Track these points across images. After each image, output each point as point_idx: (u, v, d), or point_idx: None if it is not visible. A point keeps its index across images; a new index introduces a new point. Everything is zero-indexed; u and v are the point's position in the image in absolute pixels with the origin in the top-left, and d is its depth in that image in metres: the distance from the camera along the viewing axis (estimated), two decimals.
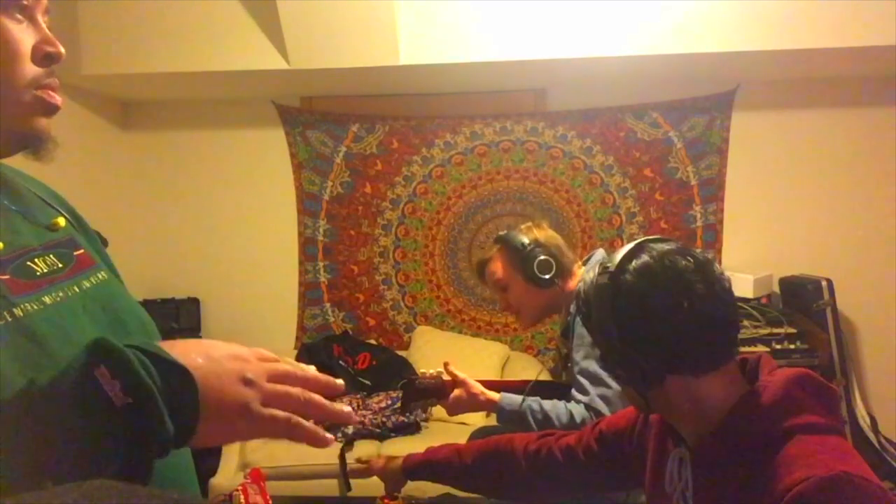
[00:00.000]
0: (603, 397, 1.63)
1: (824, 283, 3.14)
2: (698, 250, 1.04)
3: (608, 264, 1.03)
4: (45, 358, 0.63)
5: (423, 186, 3.70)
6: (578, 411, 1.64)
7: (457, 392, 1.76)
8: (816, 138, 3.54)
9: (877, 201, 3.50)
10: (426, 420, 3.17)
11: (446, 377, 1.79)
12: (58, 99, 0.73)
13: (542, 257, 1.82)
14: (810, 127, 3.54)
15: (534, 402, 1.69)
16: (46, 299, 0.67)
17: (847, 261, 3.45)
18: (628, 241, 1.08)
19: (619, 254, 1.04)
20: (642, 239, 1.05)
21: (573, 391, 1.70)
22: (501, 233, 1.95)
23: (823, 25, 2.85)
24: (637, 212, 3.61)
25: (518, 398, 1.72)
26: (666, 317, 0.97)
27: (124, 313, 0.77)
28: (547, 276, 1.81)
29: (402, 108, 3.67)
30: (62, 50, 0.72)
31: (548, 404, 1.68)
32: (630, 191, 3.62)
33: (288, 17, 2.86)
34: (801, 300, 3.23)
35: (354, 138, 3.70)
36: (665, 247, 1.02)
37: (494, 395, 1.74)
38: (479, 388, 1.75)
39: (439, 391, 1.79)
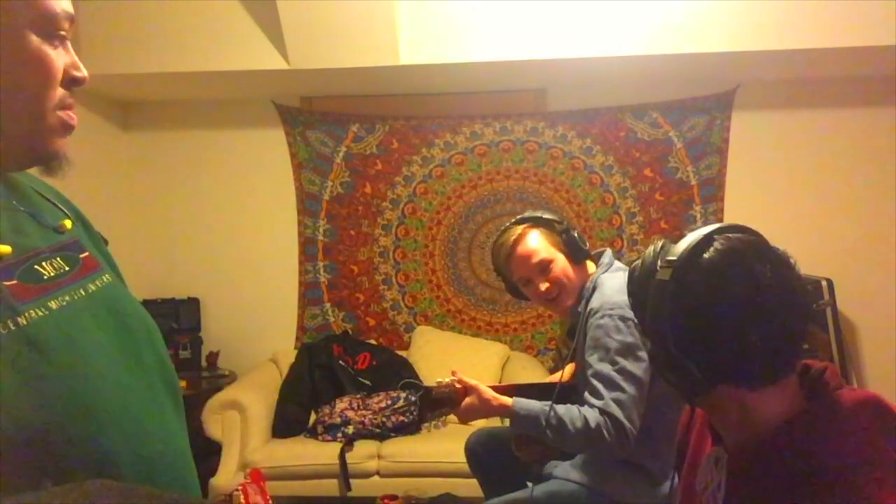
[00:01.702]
0: (617, 401, 1.60)
1: (824, 283, 3.14)
2: (780, 249, 0.92)
3: (671, 257, 0.92)
4: (48, 367, 0.63)
5: (423, 186, 3.70)
6: (593, 416, 1.61)
7: (469, 399, 1.73)
8: (816, 138, 3.54)
9: (877, 201, 3.50)
10: (443, 425, 3.14)
11: (459, 385, 1.77)
12: (76, 119, 0.75)
13: (576, 232, 1.82)
14: (810, 127, 3.54)
15: (550, 409, 1.65)
16: (52, 304, 0.68)
17: (847, 261, 3.45)
18: (629, 241, 1.02)
19: (685, 244, 0.92)
20: (713, 228, 0.93)
21: (586, 395, 1.66)
22: (524, 215, 1.88)
23: (823, 25, 2.85)
24: (637, 212, 3.61)
25: (531, 403, 1.69)
26: (731, 327, 0.87)
27: (129, 317, 0.78)
28: (586, 248, 1.80)
29: (402, 108, 3.67)
30: (86, 74, 0.74)
31: (561, 409, 1.65)
32: (630, 191, 3.62)
33: (288, 17, 2.86)
34: None
35: (354, 138, 3.70)
36: (740, 243, 0.91)
37: (507, 400, 1.71)
38: (490, 393, 1.72)
39: (454, 400, 1.77)
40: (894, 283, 3.45)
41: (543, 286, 1.79)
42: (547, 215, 1.85)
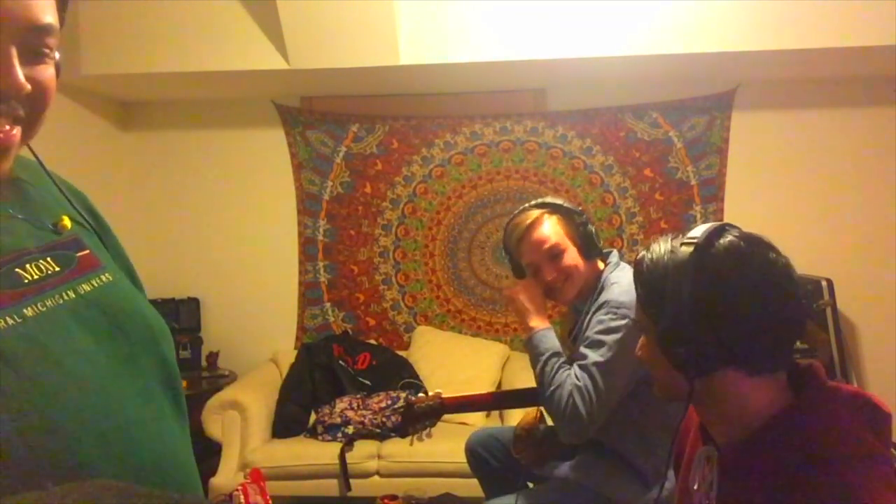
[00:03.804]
0: (587, 391, 1.59)
1: (824, 283, 3.14)
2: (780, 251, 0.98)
3: (695, 235, 0.96)
4: (16, 379, 0.60)
5: (423, 186, 3.70)
6: (566, 393, 1.61)
7: (522, 289, 1.76)
8: (816, 138, 3.54)
9: (877, 201, 3.50)
10: (427, 437, 3.12)
11: (445, 395, 1.77)
12: (14, 134, 0.65)
13: (593, 228, 1.79)
14: (810, 127, 3.54)
15: (554, 359, 1.67)
16: (27, 311, 0.63)
17: (847, 261, 3.45)
18: (629, 241, 1.04)
19: (703, 229, 0.97)
20: (725, 222, 1.00)
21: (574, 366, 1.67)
22: (545, 199, 1.84)
23: (823, 25, 2.85)
24: (637, 212, 3.61)
25: (548, 341, 1.70)
26: (748, 301, 0.91)
27: (127, 318, 0.74)
28: (599, 246, 1.78)
29: (402, 108, 3.67)
30: (14, 82, 0.63)
31: (556, 368, 1.66)
32: (630, 191, 3.62)
33: (288, 17, 2.86)
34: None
35: (354, 138, 3.70)
36: (752, 235, 0.97)
37: (538, 324, 1.73)
38: (533, 305, 1.74)
39: (438, 412, 1.77)
40: (894, 283, 3.45)
41: (551, 275, 1.75)
42: (567, 204, 1.81)
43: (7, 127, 0.64)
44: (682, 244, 0.96)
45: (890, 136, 3.47)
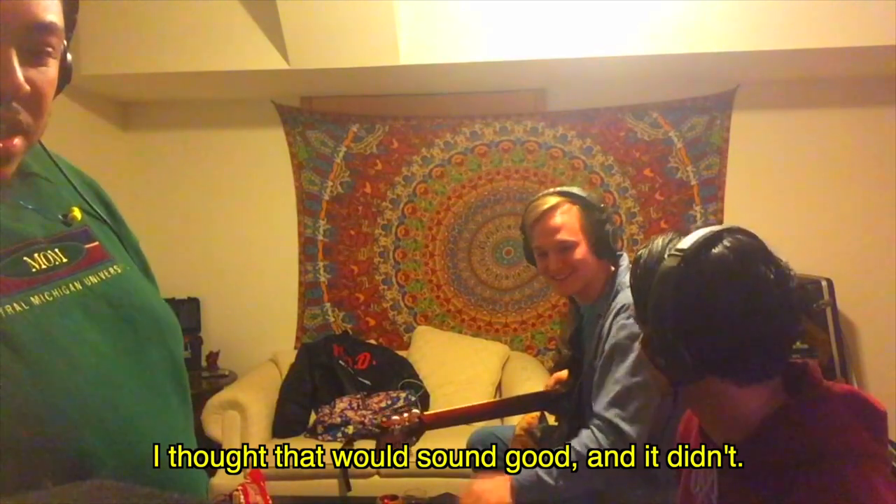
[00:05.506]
0: (626, 412, 1.57)
1: (824, 283, 3.14)
2: (781, 258, 0.96)
3: (683, 247, 0.95)
4: (21, 365, 0.60)
5: (423, 186, 3.70)
6: (585, 437, 1.59)
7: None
8: (816, 138, 3.54)
9: (877, 201, 3.50)
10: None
11: (425, 413, 1.78)
12: (16, 146, 0.64)
13: (611, 227, 1.72)
14: (810, 127, 3.54)
15: (540, 469, 1.60)
16: (34, 299, 0.64)
17: (847, 261, 3.45)
18: (629, 241, 1.04)
19: (694, 238, 0.95)
20: (723, 227, 0.98)
21: (596, 394, 1.64)
22: (571, 189, 1.78)
23: (823, 25, 2.85)
24: (637, 212, 3.61)
25: (526, 475, 1.62)
26: (730, 319, 0.90)
27: (135, 311, 0.74)
28: (615, 247, 1.72)
29: (402, 108, 3.67)
30: (11, 85, 0.61)
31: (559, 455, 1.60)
32: (630, 191, 3.62)
33: (288, 17, 2.86)
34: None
35: (354, 138, 3.70)
36: (748, 245, 0.95)
37: (505, 479, 1.62)
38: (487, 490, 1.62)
39: (417, 431, 1.76)
40: (894, 283, 3.45)
41: (556, 265, 1.72)
42: (593, 197, 1.77)
43: (4, 139, 0.63)
44: (669, 254, 0.95)
45: (890, 136, 3.47)
